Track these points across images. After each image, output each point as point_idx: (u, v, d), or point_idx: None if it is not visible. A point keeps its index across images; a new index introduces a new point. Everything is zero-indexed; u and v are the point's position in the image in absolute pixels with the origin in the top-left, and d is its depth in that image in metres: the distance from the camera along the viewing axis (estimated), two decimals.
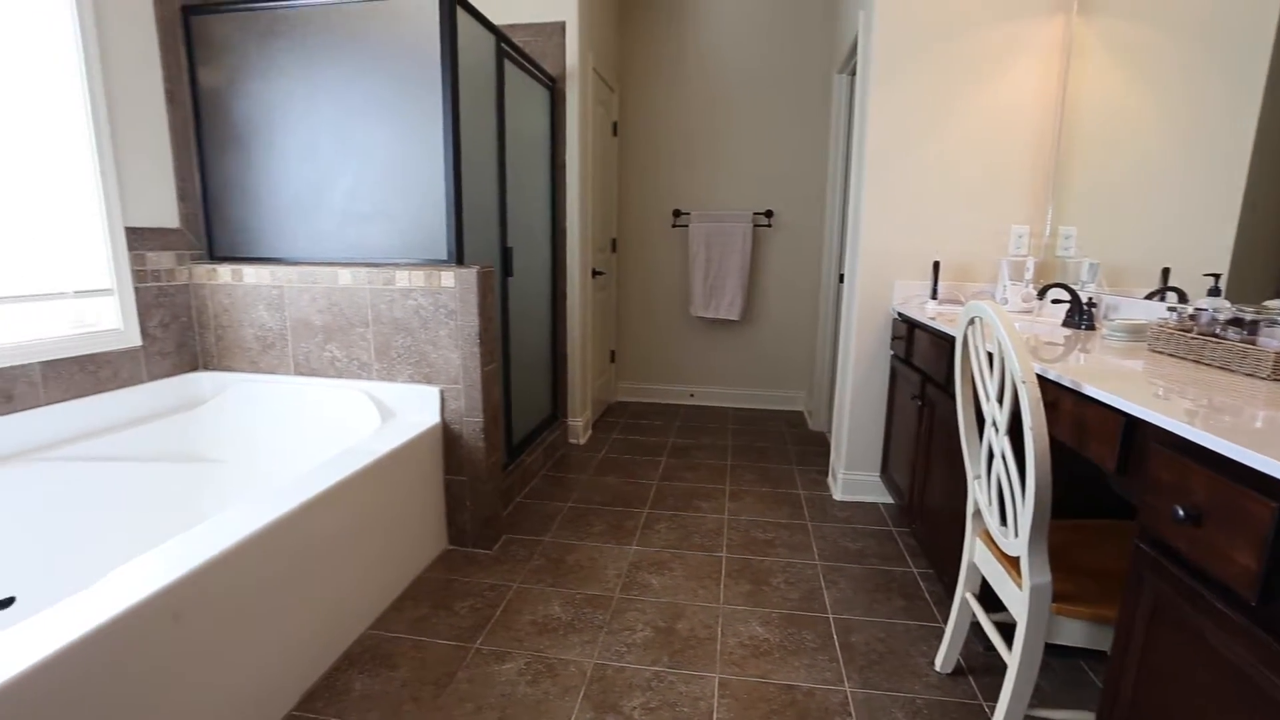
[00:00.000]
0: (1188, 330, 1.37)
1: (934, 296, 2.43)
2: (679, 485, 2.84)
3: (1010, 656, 1.27)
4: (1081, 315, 1.87)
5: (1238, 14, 1.56)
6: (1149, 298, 1.82)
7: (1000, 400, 1.25)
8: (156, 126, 2.08)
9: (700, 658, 1.68)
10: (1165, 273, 1.78)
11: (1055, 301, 2.15)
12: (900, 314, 2.42)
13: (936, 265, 2.42)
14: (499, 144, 2.46)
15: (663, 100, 3.93)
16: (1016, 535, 1.23)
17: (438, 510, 2.17)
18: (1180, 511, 0.86)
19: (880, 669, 1.65)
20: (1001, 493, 1.31)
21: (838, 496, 2.74)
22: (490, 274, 2.13)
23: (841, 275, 3.21)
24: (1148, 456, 0.97)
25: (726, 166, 3.93)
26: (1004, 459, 1.26)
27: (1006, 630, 1.36)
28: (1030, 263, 2.27)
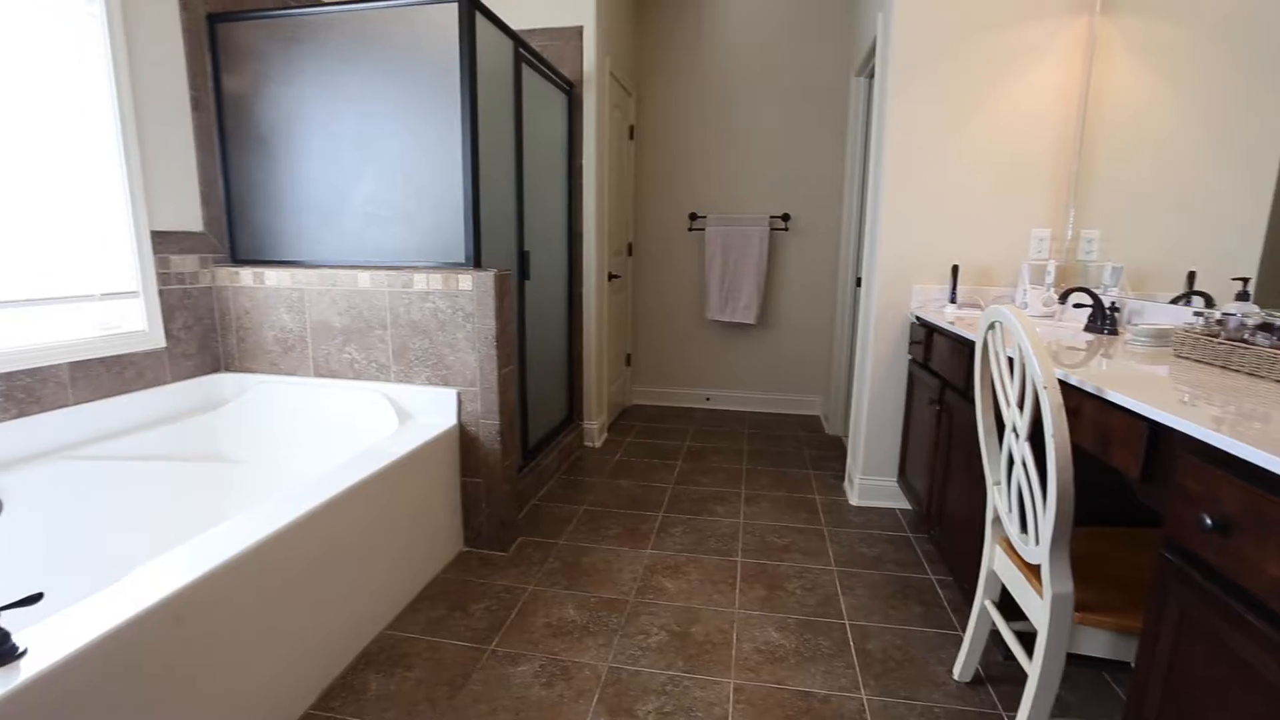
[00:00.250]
0: (1215, 335, 1.35)
1: (953, 300, 2.41)
2: (694, 489, 2.84)
3: (1031, 666, 1.25)
4: (1104, 320, 1.84)
5: (1266, 11, 1.53)
6: (1174, 302, 1.79)
7: (1021, 406, 1.24)
8: (182, 132, 2.12)
9: (715, 663, 1.67)
10: (1191, 276, 1.74)
11: (1077, 306, 2.12)
12: (918, 318, 2.40)
13: (955, 269, 2.40)
14: (517, 148, 2.48)
15: (679, 104, 3.93)
16: (1037, 543, 1.21)
17: (454, 512, 2.19)
18: (1208, 521, 0.85)
19: (897, 676, 1.63)
20: (1022, 499, 1.29)
21: (854, 501, 2.72)
22: (507, 277, 2.14)
23: (859, 279, 3.19)
24: (1173, 464, 0.95)
25: (743, 170, 3.93)
26: (1024, 465, 1.24)
27: (1027, 639, 1.34)
28: (1051, 266, 2.23)
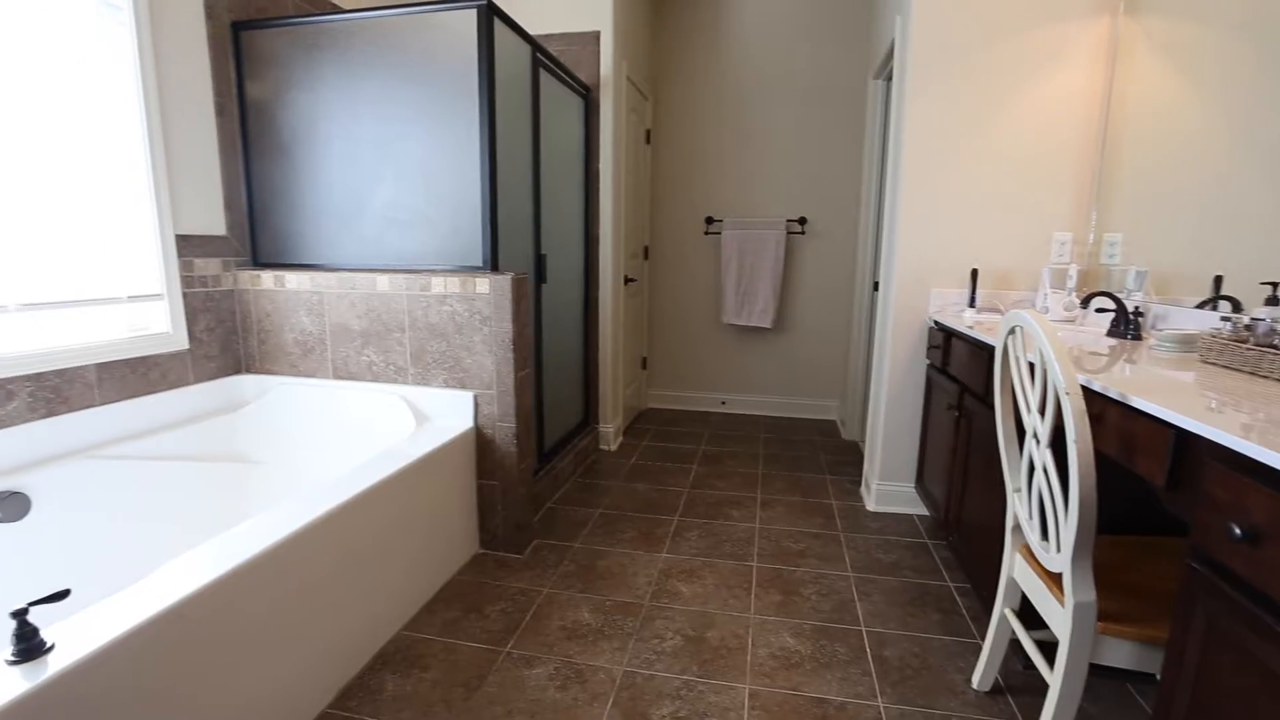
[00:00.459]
0: (1243, 341, 1.32)
1: (972, 305, 2.38)
2: (710, 493, 2.83)
3: (1052, 676, 1.23)
4: (1128, 325, 1.81)
5: None
6: (1200, 307, 1.75)
7: (1042, 412, 1.22)
8: (206, 138, 2.16)
9: (730, 668, 1.66)
10: (1218, 281, 1.71)
11: (1099, 311, 2.09)
12: (937, 323, 2.38)
13: (975, 273, 2.37)
14: (534, 153, 2.50)
15: (696, 108, 3.94)
16: (1059, 550, 1.19)
17: (470, 514, 2.20)
18: (1236, 530, 0.83)
19: (915, 684, 1.61)
20: (1043, 506, 1.27)
21: (871, 507, 2.69)
22: (524, 281, 2.15)
23: (876, 283, 3.17)
24: (1200, 472, 0.93)
25: (760, 174, 3.92)
26: (1045, 472, 1.23)
27: (1047, 648, 1.32)
28: (1073, 270, 2.20)
